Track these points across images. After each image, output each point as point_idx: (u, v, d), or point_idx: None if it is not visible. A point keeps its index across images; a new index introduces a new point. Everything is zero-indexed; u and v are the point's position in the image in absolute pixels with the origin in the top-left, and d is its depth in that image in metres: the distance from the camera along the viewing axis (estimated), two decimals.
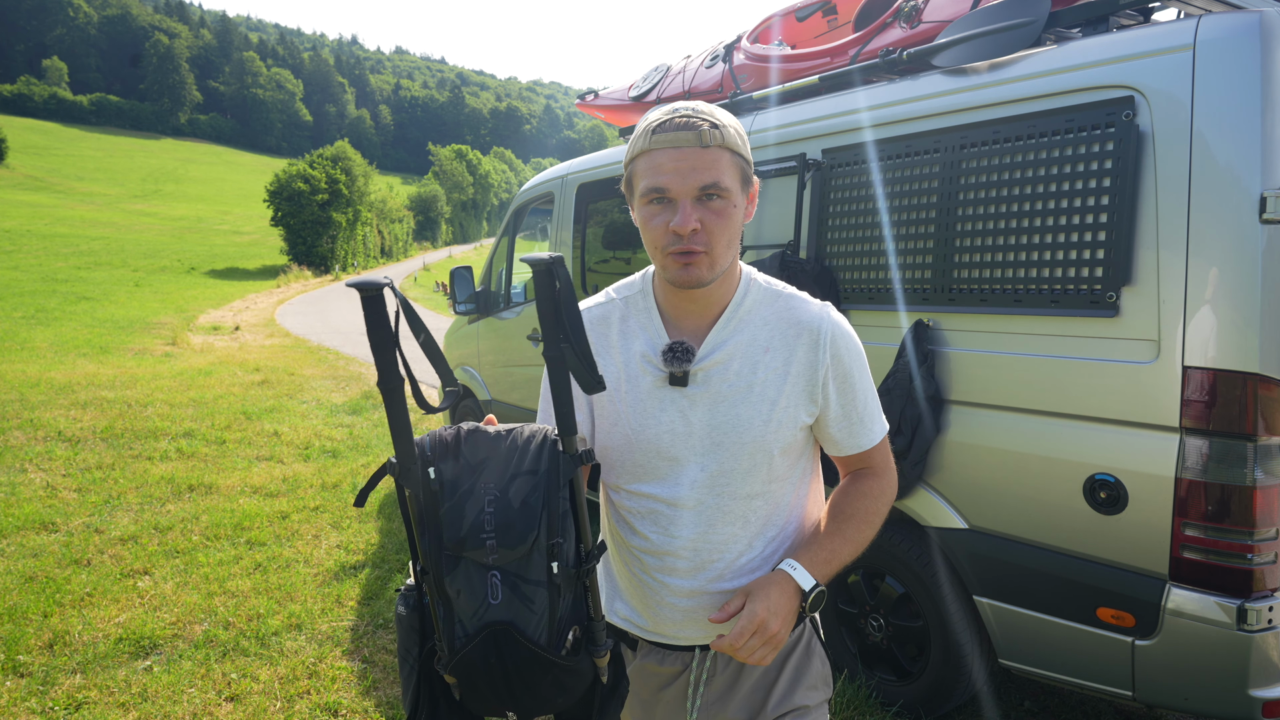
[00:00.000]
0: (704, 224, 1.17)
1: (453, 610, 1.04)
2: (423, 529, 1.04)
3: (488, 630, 1.02)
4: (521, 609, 1.03)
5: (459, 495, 1.04)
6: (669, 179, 1.16)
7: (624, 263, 4.19)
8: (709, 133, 1.15)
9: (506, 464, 1.07)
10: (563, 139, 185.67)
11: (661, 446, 1.26)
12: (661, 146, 1.16)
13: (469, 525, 1.03)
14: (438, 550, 1.03)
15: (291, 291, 29.49)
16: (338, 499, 5.34)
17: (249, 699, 2.97)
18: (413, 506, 1.04)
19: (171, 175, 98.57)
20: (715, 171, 1.15)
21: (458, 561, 1.03)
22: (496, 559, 1.03)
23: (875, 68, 2.85)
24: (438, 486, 1.04)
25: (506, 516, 1.03)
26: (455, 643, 1.04)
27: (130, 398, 8.18)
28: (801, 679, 1.35)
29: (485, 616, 1.03)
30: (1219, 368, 1.99)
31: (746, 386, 1.25)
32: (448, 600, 1.04)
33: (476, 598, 1.03)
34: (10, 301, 18.08)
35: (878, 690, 2.91)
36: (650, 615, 1.34)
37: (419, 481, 1.03)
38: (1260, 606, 1.97)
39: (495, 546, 1.02)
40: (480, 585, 1.03)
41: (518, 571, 1.04)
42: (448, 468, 1.05)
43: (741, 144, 1.20)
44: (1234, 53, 1.96)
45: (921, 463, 2.58)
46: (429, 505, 1.04)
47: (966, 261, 2.49)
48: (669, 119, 1.17)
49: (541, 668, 1.04)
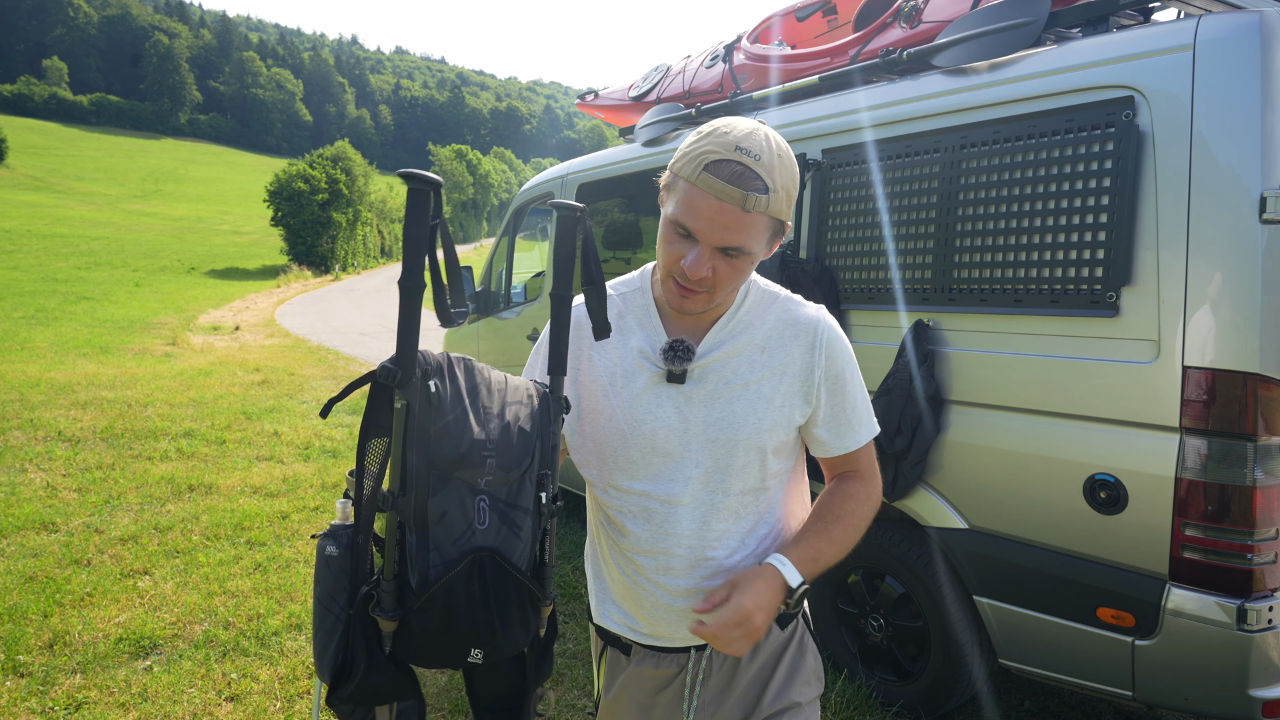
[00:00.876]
0: (716, 272, 1.16)
1: (428, 537, 0.97)
2: (410, 443, 0.96)
3: (473, 556, 0.97)
4: (509, 536, 1.00)
5: (458, 412, 0.99)
6: (699, 225, 1.13)
7: (624, 263, 4.19)
8: (754, 199, 1.10)
9: (499, 392, 1.05)
10: (563, 139, 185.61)
11: (657, 443, 1.27)
12: (705, 189, 1.11)
13: (469, 442, 0.97)
14: (426, 468, 0.96)
15: (291, 291, 29.49)
16: (338, 499, 5.34)
17: (249, 699, 2.97)
18: (400, 419, 0.96)
19: (171, 175, 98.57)
20: (745, 236, 1.13)
21: (446, 482, 0.97)
22: (489, 482, 0.99)
23: (875, 68, 2.85)
24: (437, 400, 0.98)
25: (506, 437, 1.00)
26: (431, 571, 0.96)
27: (130, 398, 8.18)
28: (796, 675, 1.36)
29: (471, 542, 0.98)
30: (1219, 368, 1.99)
31: (743, 385, 1.26)
32: (424, 526, 0.97)
33: (463, 522, 0.98)
34: (10, 301, 18.08)
35: (878, 690, 2.91)
36: (644, 617, 1.33)
37: (418, 391, 0.96)
38: (1260, 606, 1.97)
39: (494, 466, 0.98)
40: (468, 509, 0.98)
41: (507, 498, 1.00)
42: (444, 384, 1.00)
43: (787, 206, 1.15)
44: (1234, 53, 1.96)
45: (921, 463, 2.58)
46: (422, 419, 0.97)
47: (966, 261, 2.49)
48: (725, 160, 1.10)
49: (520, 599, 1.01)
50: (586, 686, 3.12)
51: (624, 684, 1.40)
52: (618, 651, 1.41)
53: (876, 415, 2.81)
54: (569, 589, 4.00)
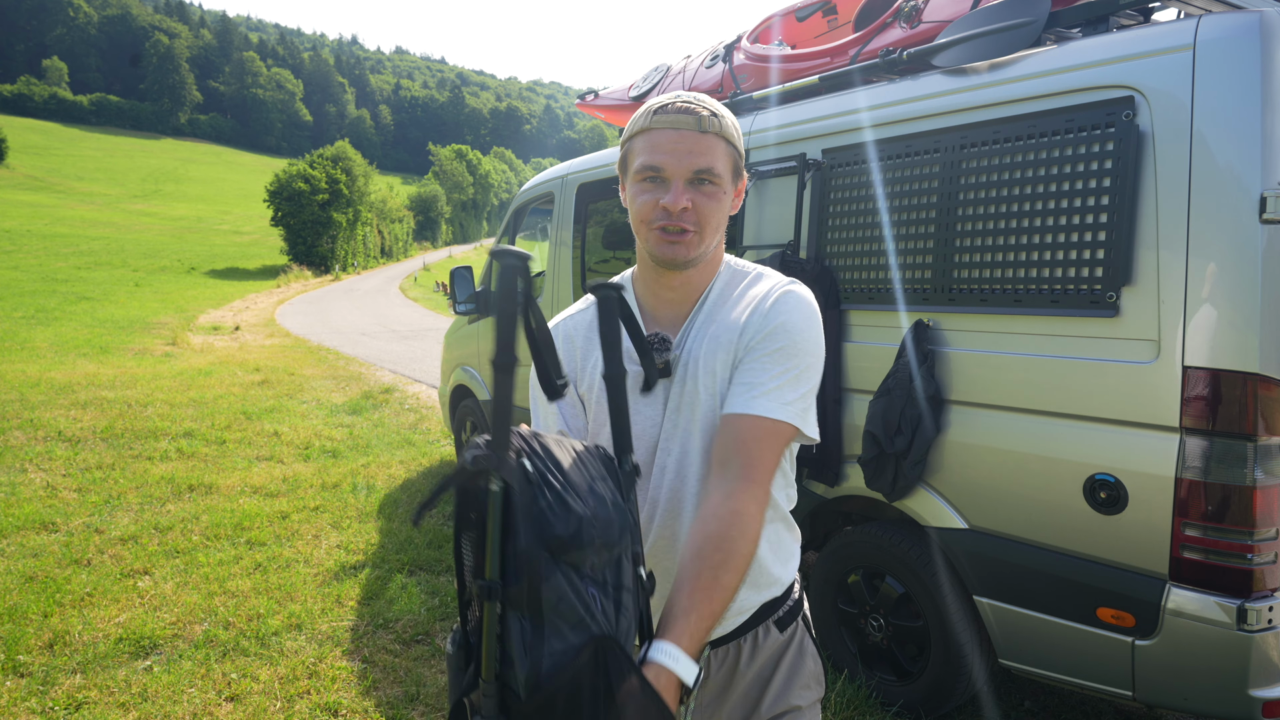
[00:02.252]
0: (695, 205, 1.20)
1: (543, 626, 0.85)
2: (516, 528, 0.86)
3: (594, 644, 0.86)
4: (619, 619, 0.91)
5: (555, 489, 0.90)
6: (665, 158, 1.19)
7: (624, 263, 4.18)
8: (708, 119, 1.19)
9: (580, 467, 0.96)
10: (563, 139, 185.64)
11: (650, 441, 1.28)
12: (661, 126, 1.20)
13: (575, 522, 0.88)
14: (538, 549, 0.86)
15: (291, 291, 29.50)
16: (338, 499, 5.34)
17: (249, 699, 2.97)
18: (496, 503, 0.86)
19: (171, 175, 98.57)
20: (710, 157, 1.19)
21: (556, 566, 0.87)
22: (595, 563, 0.90)
23: (875, 68, 2.85)
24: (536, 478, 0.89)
25: (605, 513, 0.92)
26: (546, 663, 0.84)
27: (130, 398, 8.18)
28: (795, 679, 1.35)
29: (591, 628, 0.87)
30: (1219, 368, 1.99)
31: (709, 370, 1.24)
32: (539, 613, 0.85)
33: (580, 605, 0.87)
34: (10, 301, 18.08)
35: (878, 690, 2.91)
36: None
37: (514, 472, 0.87)
38: (1260, 606, 1.97)
39: (601, 545, 0.90)
40: (582, 594, 0.88)
41: (611, 580, 0.91)
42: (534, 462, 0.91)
43: (736, 136, 1.24)
44: (1234, 53, 1.96)
45: (921, 463, 2.58)
46: (526, 497, 0.87)
47: (966, 261, 2.49)
48: (670, 103, 1.21)
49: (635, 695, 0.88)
50: None
51: None
52: None
53: (876, 415, 2.80)
54: None
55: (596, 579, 0.90)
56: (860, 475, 2.78)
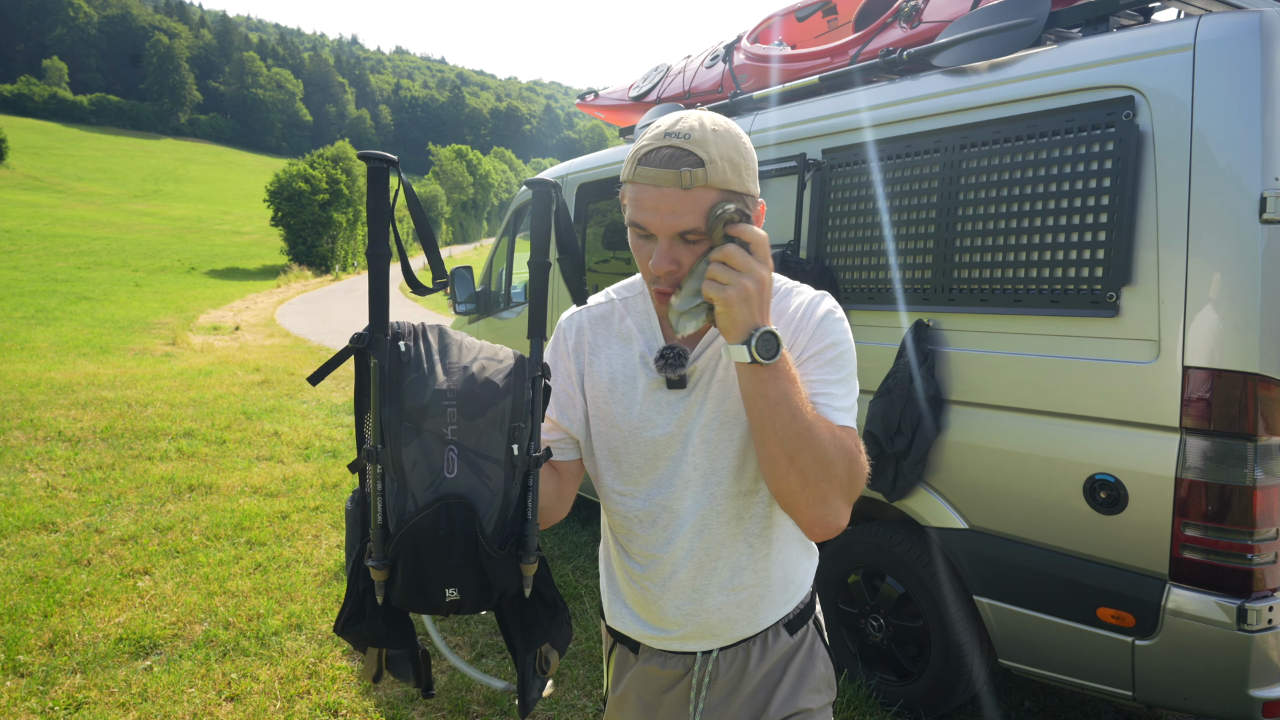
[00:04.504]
0: (682, 264, 1.14)
1: (406, 484, 1.02)
2: (384, 398, 1.03)
3: (441, 501, 1.02)
4: (477, 483, 1.04)
5: (425, 368, 1.05)
6: (648, 217, 1.12)
7: (624, 263, 4.18)
8: (690, 174, 1.08)
9: (471, 350, 1.10)
10: (563, 139, 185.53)
11: (658, 448, 1.26)
12: (644, 182, 1.11)
13: (432, 392, 1.03)
14: (398, 419, 1.02)
15: (291, 291, 29.49)
16: (338, 499, 5.34)
17: (249, 699, 2.97)
18: (376, 376, 1.03)
19: (171, 175, 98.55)
20: (695, 216, 1.09)
21: (417, 432, 1.03)
22: (455, 430, 1.03)
23: (875, 68, 2.85)
24: (407, 359, 1.05)
25: (470, 387, 1.04)
26: (404, 515, 1.02)
27: (130, 398, 8.18)
28: (805, 682, 1.35)
29: (440, 489, 1.02)
30: (1219, 368, 1.99)
31: (735, 382, 1.22)
32: (402, 474, 1.02)
33: (433, 470, 1.02)
34: (10, 301, 18.08)
35: (878, 690, 2.91)
36: (654, 620, 1.33)
37: (385, 352, 1.04)
38: (1260, 606, 1.97)
39: (455, 415, 1.03)
40: (437, 458, 1.03)
41: (475, 447, 1.04)
42: (414, 345, 1.07)
43: (733, 176, 1.11)
44: (1234, 53, 1.96)
45: (921, 463, 2.58)
46: (394, 375, 1.04)
47: (966, 261, 2.49)
48: (655, 149, 1.11)
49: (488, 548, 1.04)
50: (586, 686, 3.12)
51: (631, 681, 1.40)
52: (626, 649, 1.41)
53: (876, 416, 2.81)
54: (568, 589, 4.00)
55: (462, 444, 1.04)
56: None
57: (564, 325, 1.37)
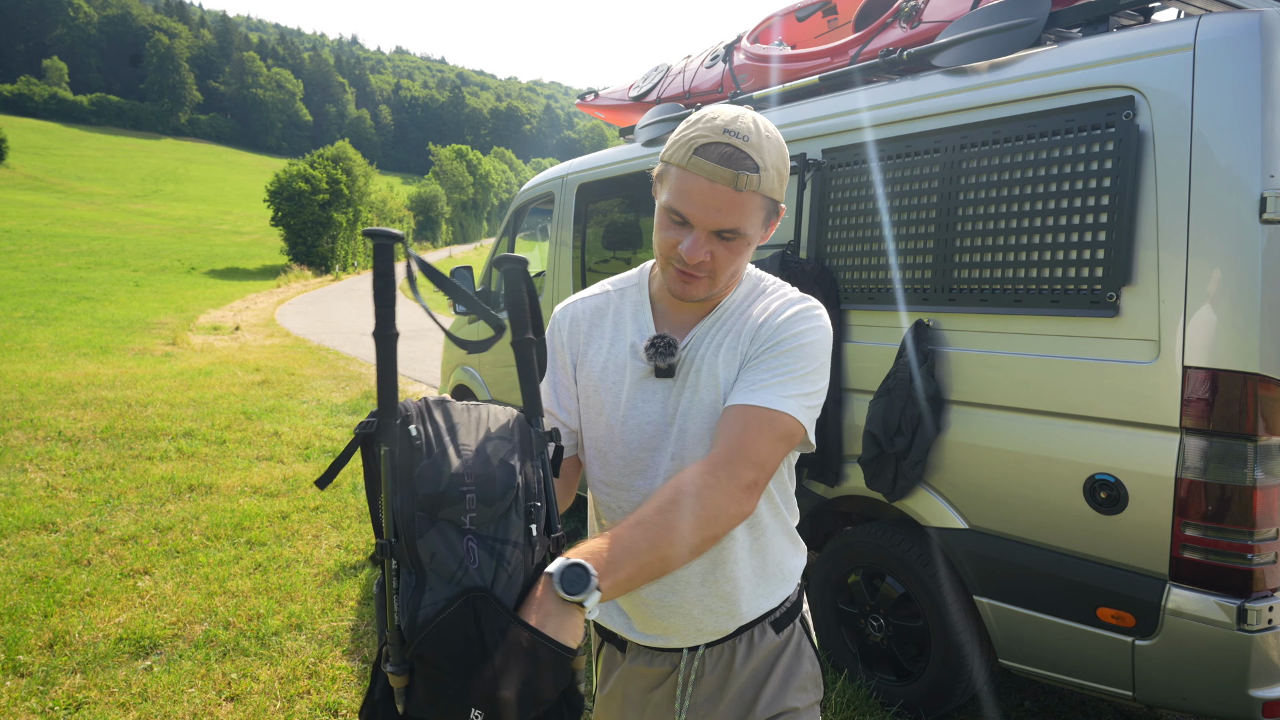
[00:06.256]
0: (714, 255, 1.16)
1: (425, 578, 0.94)
2: (396, 488, 0.96)
3: (465, 596, 0.92)
4: (498, 571, 0.96)
5: (436, 453, 0.98)
6: (694, 210, 1.13)
7: (624, 263, 4.19)
8: (746, 178, 1.11)
9: (480, 428, 1.04)
10: (563, 139, 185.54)
11: (644, 438, 1.26)
12: (697, 173, 1.12)
13: (448, 479, 0.96)
14: (411, 509, 0.95)
15: (291, 291, 29.49)
16: (338, 499, 5.34)
17: (249, 699, 2.97)
18: (386, 465, 0.97)
19: (171, 175, 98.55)
20: (739, 216, 1.13)
21: (432, 523, 0.95)
22: (474, 518, 0.96)
23: (875, 68, 2.85)
24: (418, 442, 0.98)
25: (486, 470, 0.98)
26: (423, 612, 0.92)
27: (130, 398, 8.18)
28: (791, 680, 1.34)
29: (463, 581, 0.93)
30: (1219, 368, 1.99)
31: (712, 376, 1.24)
32: (420, 567, 0.94)
33: (453, 560, 0.94)
34: (10, 301, 18.08)
35: (878, 690, 2.91)
36: (637, 615, 1.33)
37: (397, 438, 0.97)
38: (1260, 606, 1.97)
39: (475, 502, 0.96)
40: (456, 547, 0.95)
41: (494, 534, 0.97)
42: (423, 427, 1.01)
43: (778, 185, 1.16)
44: (1234, 53, 1.96)
45: (921, 463, 2.58)
46: (405, 462, 0.97)
47: (966, 261, 2.49)
48: (714, 144, 1.12)
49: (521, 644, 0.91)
50: None
51: (618, 680, 1.40)
52: (613, 647, 1.41)
53: (876, 416, 2.81)
54: None
55: (481, 533, 0.96)
56: (860, 475, 2.78)
57: (558, 316, 1.38)
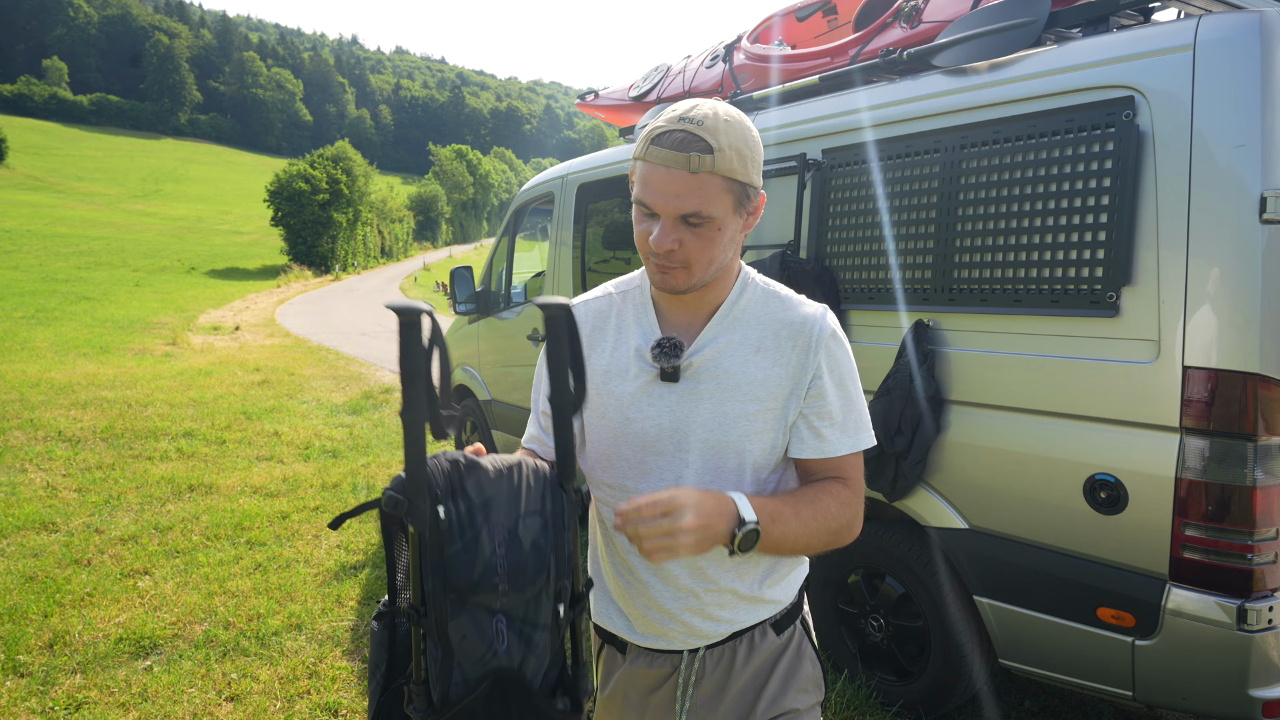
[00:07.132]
0: (683, 243, 1.16)
1: (452, 656, 0.97)
2: (426, 570, 0.97)
3: (493, 677, 0.97)
4: (527, 652, 0.99)
5: (468, 536, 0.98)
6: (654, 197, 1.15)
7: (624, 263, 4.18)
8: (699, 159, 1.11)
9: (513, 503, 1.02)
10: (563, 139, 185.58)
11: (648, 441, 1.25)
12: (654, 162, 1.14)
13: (480, 568, 0.97)
14: (443, 592, 0.96)
15: (292, 291, 29.50)
16: (338, 499, 5.34)
17: (249, 699, 2.97)
18: (414, 546, 0.97)
19: (171, 175, 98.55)
20: (698, 200, 1.13)
21: (463, 605, 0.97)
22: (505, 603, 0.98)
23: (875, 68, 2.85)
24: (447, 526, 0.98)
25: (518, 558, 0.99)
26: (453, 689, 0.97)
27: (130, 398, 8.18)
28: (792, 681, 1.34)
29: (491, 664, 0.97)
30: (1219, 368, 1.99)
31: (734, 385, 1.23)
32: (448, 645, 0.97)
33: (483, 643, 0.97)
34: (10, 301, 18.08)
35: (878, 690, 2.91)
36: (638, 617, 1.33)
37: (426, 520, 0.96)
38: (1260, 606, 1.97)
39: (506, 590, 0.98)
40: (486, 630, 0.98)
41: (524, 616, 0.99)
42: (454, 506, 0.99)
43: (739, 166, 1.15)
44: (1234, 53, 1.96)
45: (921, 463, 2.58)
46: (435, 545, 0.97)
47: (966, 261, 2.49)
48: (668, 132, 1.14)
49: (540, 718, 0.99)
50: None
51: (619, 681, 1.40)
52: (614, 649, 1.41)
53: (876, 416, 2.81)
54: None
55: (510, 615, 0.99)
56: None
57: None
